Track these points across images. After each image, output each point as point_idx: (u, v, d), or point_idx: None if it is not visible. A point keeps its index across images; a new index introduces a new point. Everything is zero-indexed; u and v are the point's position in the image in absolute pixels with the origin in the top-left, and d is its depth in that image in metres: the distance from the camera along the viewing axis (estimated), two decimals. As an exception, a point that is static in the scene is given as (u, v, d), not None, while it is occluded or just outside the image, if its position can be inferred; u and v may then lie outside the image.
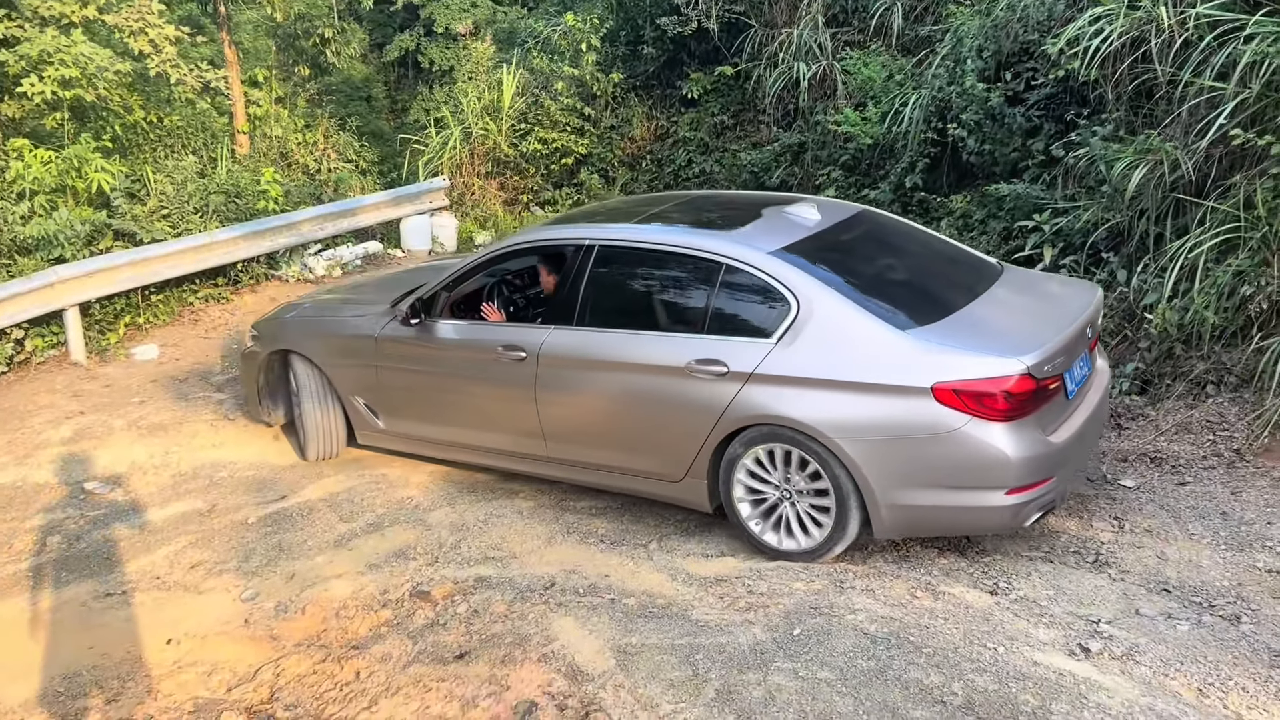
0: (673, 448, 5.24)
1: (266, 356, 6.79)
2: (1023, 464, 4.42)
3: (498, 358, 5.68)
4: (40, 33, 9.65)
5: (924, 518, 4.72)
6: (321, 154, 12.70)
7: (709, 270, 5.12)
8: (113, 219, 9.46)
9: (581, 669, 4.30)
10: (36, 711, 4.68)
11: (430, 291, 6.04)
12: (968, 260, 5.69)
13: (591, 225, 5.82)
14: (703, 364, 4.98)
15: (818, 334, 4.73)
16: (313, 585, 5.40)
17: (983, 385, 4.36)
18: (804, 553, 4.99)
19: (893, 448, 4.55)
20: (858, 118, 9.49)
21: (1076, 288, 5.71)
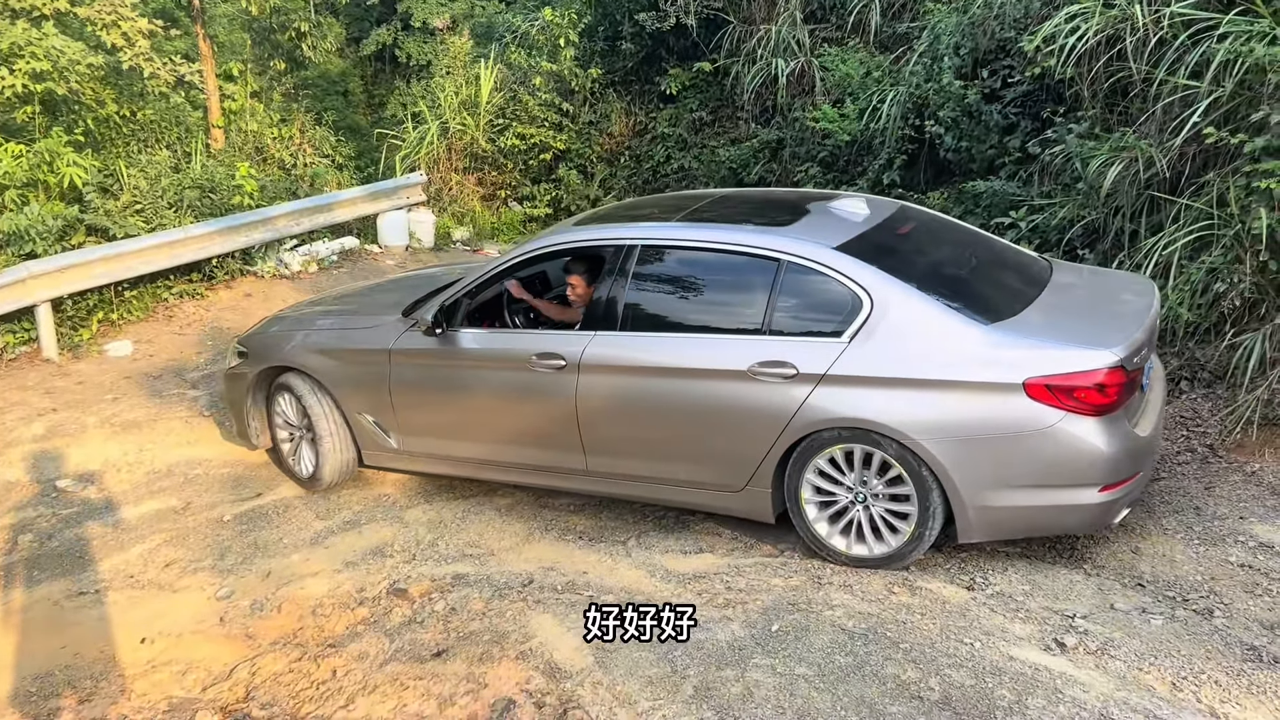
0: (733, 456, 4.94)
1: (256, 375, 6.28)
2: (1116, 459, 4.33)
3: (531, 368, 5.32)
4: (11, 25, 9.52)
5: (1013, 518, 4.55)
6: (297, 149, 12.60)
7: (768, 268, 4.84)
8: (85, 214, 9.35)
9: (559, 666, 4.29)
10: (8, 712, 4.62)
11: (452, 298, 5.59)
12: (1017, 255, 5.58)
13: (633, 225, 5.46)
14: (767, 366, 4.72)
15: (895, 332, 4.52)
16: (289, 583, 5.36)
17: (1076, 379, 4.23)
18: (878, 559, 4.77)
19: (981, 447, 4.38)
20: (835, 114, 9.51)
21: (1132, 281, 5.58)
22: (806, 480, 4.81)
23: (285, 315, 6.76)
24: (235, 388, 6.48)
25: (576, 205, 12.37)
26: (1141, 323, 4.63)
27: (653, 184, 12.32)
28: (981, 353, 4.39)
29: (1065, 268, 5.55)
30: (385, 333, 5.83)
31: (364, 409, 5.94)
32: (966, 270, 5.21)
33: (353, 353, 5.93)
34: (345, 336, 6.05)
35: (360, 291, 7.47)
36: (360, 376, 5.90)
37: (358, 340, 5.96)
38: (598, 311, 5.28)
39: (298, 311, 6.80)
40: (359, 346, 5.93)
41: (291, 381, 6.14)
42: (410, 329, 5.71)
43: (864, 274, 4.64)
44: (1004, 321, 4.51)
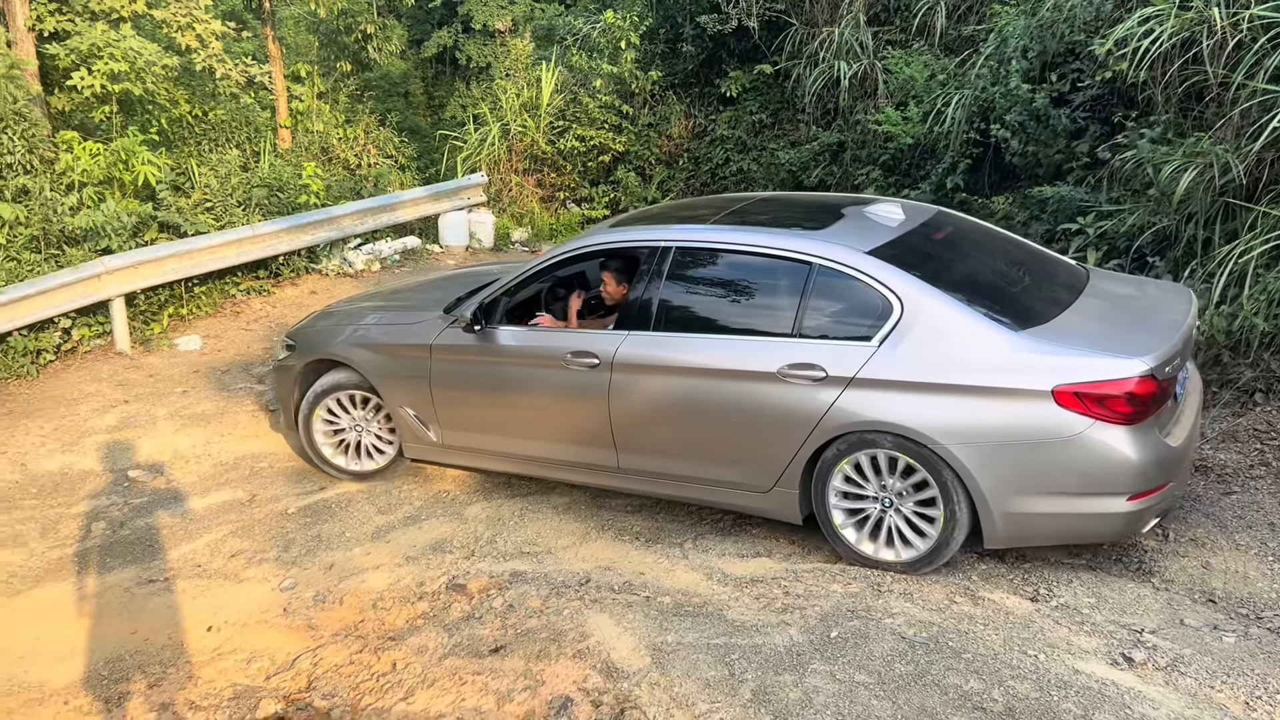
0: (762, 457, 4.97)
1: (304, 367, 6.44)
2: (1145, 468, 4.28)
3: (566, 365, 5.39)
4: (90, 27, 9.81)
5: (1040, 526, 4.51)
6: (362, 149, 12.80)
7: (799, 271, 4.86)
8: (158, 211, 9.59)
9: (617, 666, 4.30)
10: (81, 694, 4.76)
11: (491, 296, 5.71)
12: (1053, 261, 5.51)
13: (667, 227, 5.51)
14: (797, 369, 4.75)
15: (924, 337, 4.52)
16: (350, 576, 5.44)
17: (1106, 387, 4.20)
18: (904, 563, 4.77)
19: (1009, 453, 4.36)
20: (899, 117, 9.42)
21: (1169, 290, 5.49)
22: (833, 483, 4.82)
23: (334, 310, 6.92)
24: (284, 380, 6.64)
25: (634, 207, 12.39)
26: (1176, 332, 4.57)
27: (711, 186, 12.31)
28: (1011, 359, 4.38)
29: (1103, 275, 5.51)
30: (427, 329, 5.94)
31: (405, 403, 6.04)
32: (1000, 276, 5.19)
33: (395, 347, 6.06)
34: (388, 332, 6.19)
35: (407, 288, 7.64)
36: (402, 370, 6.02)
37: (400, 335, 6.09)
38: (632, 311, 5.34)
39: (346, 306, 6.97)
40: (401, 342, 6.05)
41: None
42: (451, 325, 5.83)
43: (894, 278, 4.64)
44: (1035, 328, 4.49)
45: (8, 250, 8.49)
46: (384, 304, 6.88)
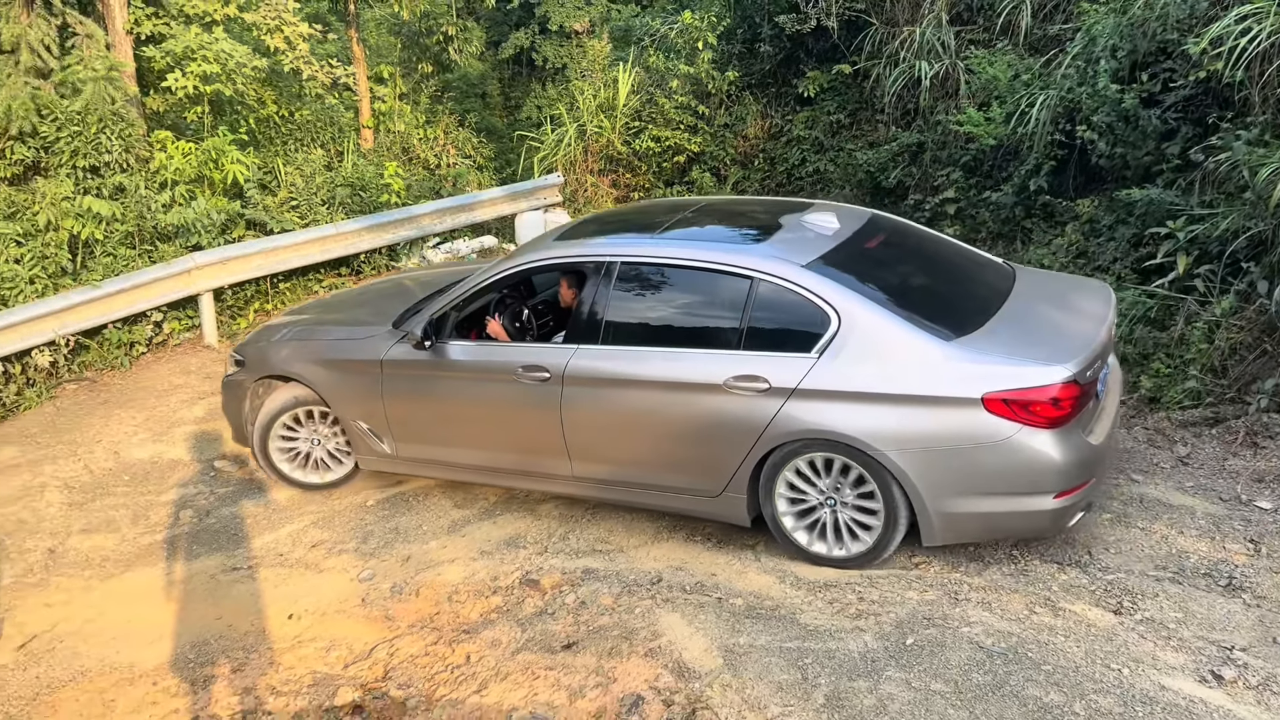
0: (711, 464, 5.15)
1: (254, 383, 6.47)
2: (1070, 468, 4.50)
3: (518, 379, 5.50)
4: (185, 30, 10.12)
5: (973, 524, 4.75)
6: (441, 149, 12.98)
7: (741, 285, 5.03)
8: (246, 209, 9.86)
9: (688, 666, 4.31)
10: (169, 675, 4.93)
11: (440, 311, 5.78)
12: (981, 262, 5.73)
13: (611, 241, 5.65)
14: (741, 380, 4.92)
15: (861, 348, 4.71)
16: (427, 569, 5.54)
17: (1031, 394, 4.42)
18: (852, 559, 4.99)
19: (943, 458, 4.58)
20: (981, 118, 9.25)
21: (1089, 287, 5.73)
22: (779, 488, 5.02)
23: (281, 323, 6.86)
24: (233, 395, 6.62)
25: (710, 208, 12.38)
26: (1097, 334, 4.83)
27: (787, 187, 12.22)
28: (943, 368, 4.58)
29: (1027, 274, 5.72)
30: (377, 344, 5.98)
31: (358, 416, 6.10)
32: (931, 283, 5.42)
33: (346, 363, 6.10)
34: (339, 347, 6.21)
35: (352, 298, 7.51)
36: (354, 385, 6.06)
37: (350, 351, 6.12)
38: (580, 325, 5.46)
39: (294, 319, 6.93)
40: (352, 357, 6.08)
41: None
42: (400, 341, 5.87)
43: (831, 291, 4.83)
44: (965, 337, 4.69)
45: (104, 245, 8.81)
46: (331, 316, 6.88)
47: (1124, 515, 5.27)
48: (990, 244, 9.24)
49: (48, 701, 4.84)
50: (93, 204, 8.67)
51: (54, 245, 8.52)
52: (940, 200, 9.54)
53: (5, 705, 4.85)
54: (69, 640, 5.28)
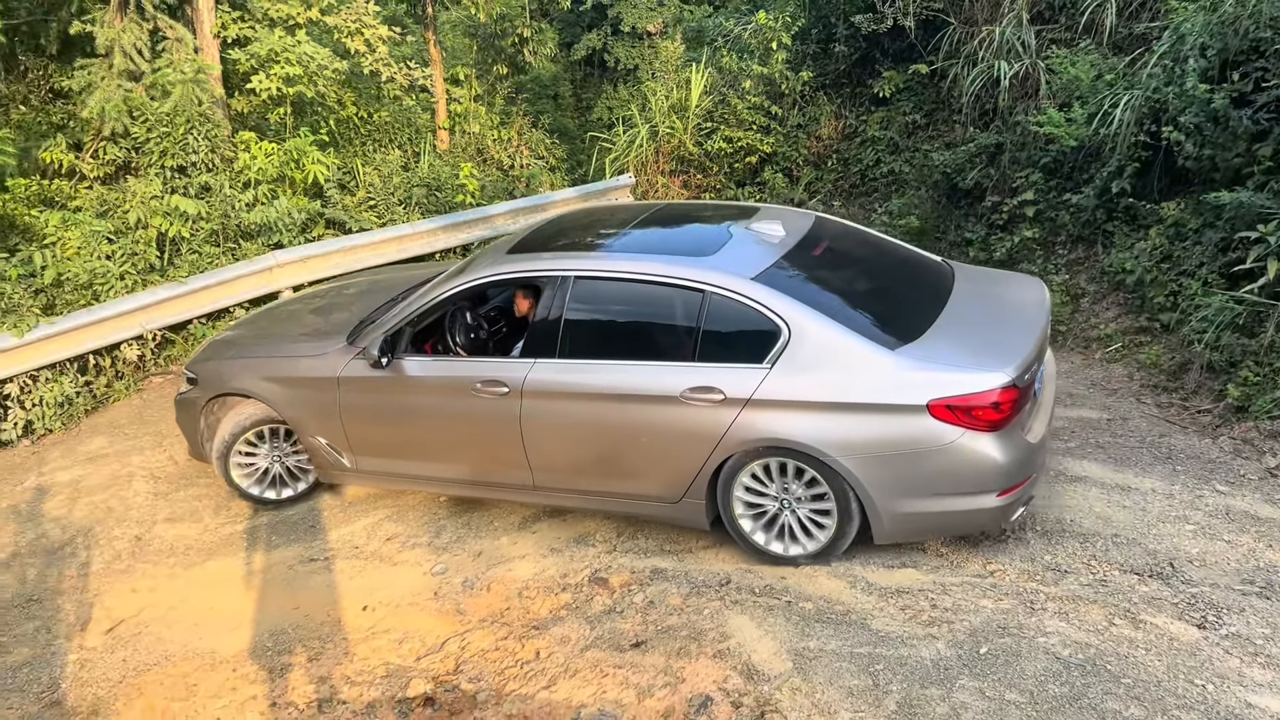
0: (669, 473, 5.25)
1: (208, 401, 6.42)
2: (1011, 467, 4.70)
3: (476, 394, 5.53)
4: (269, 33, 10.38)
5: (922, 523, 4.95)
6: (515, 150, 13.11)
7: (693, 298, 5.12)
8: (325, 208, 10.08)
9: (758, 668, 4.30)
10: (248, 662, 5.06)
11: (395, 327, 5.76)
12: (922, 263, 5.92)
13: (566, 256, 5.67)
14: (697, 392, 5.02)
15: (811, 358, 4.85)
16: (498, 564, 5.60)
17: (973, 399, 4.61)
18: (808, 556, 5.15)
19: (892, 462, 4.76)
20: (1062, 118, 9.04)
21: (1025, 284, 5.90)
22: (737, 492, 5.17)
23: (231, 338, 6.86)
24: (187, 413, 6.59)
25: (781, 209, 12.31)
26: (1033, 335, 5.03)
27: (860, 188, 12.10)
28: (890, 376, 4.75)
29: (964, 273, 5.87)
30: (332, 361, 5.96)
31: (316, 432, 6.11)
32: (876, 288, 5.56)
33: (302, 380, 6.08)
34: (294, 365, 6.17)
35: (299, 308, 7.36)
36: (310, 402, 6.06)
37: (306, 369, 6.09)
38: (537, 339, 5.50)
39: (244, 333, 6.92)
40: (307, 375, 6.06)
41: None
42: (356, 357, 5.85)
43: (780, 304, 4.95)
44: (909, 345, 4.86)
45: (190, 243, 9.08)
46: (281, 329, 6.83)
47: (1208, 527, 5.12)
48: (1070, 247, 9.04)
49: (134, 684, 5.00)
50: (180, 203, 8.93)
51: (143, 243, 8.80)
52: (1018, 202, 9.36)
53: (94, 686, 5.03)
54: (154, 625, 5.46)
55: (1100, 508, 5.43)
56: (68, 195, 9.26)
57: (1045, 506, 5.48)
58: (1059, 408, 6.92)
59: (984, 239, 9.81)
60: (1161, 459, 5.95)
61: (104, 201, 9.07)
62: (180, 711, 4.76)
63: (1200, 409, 6.66)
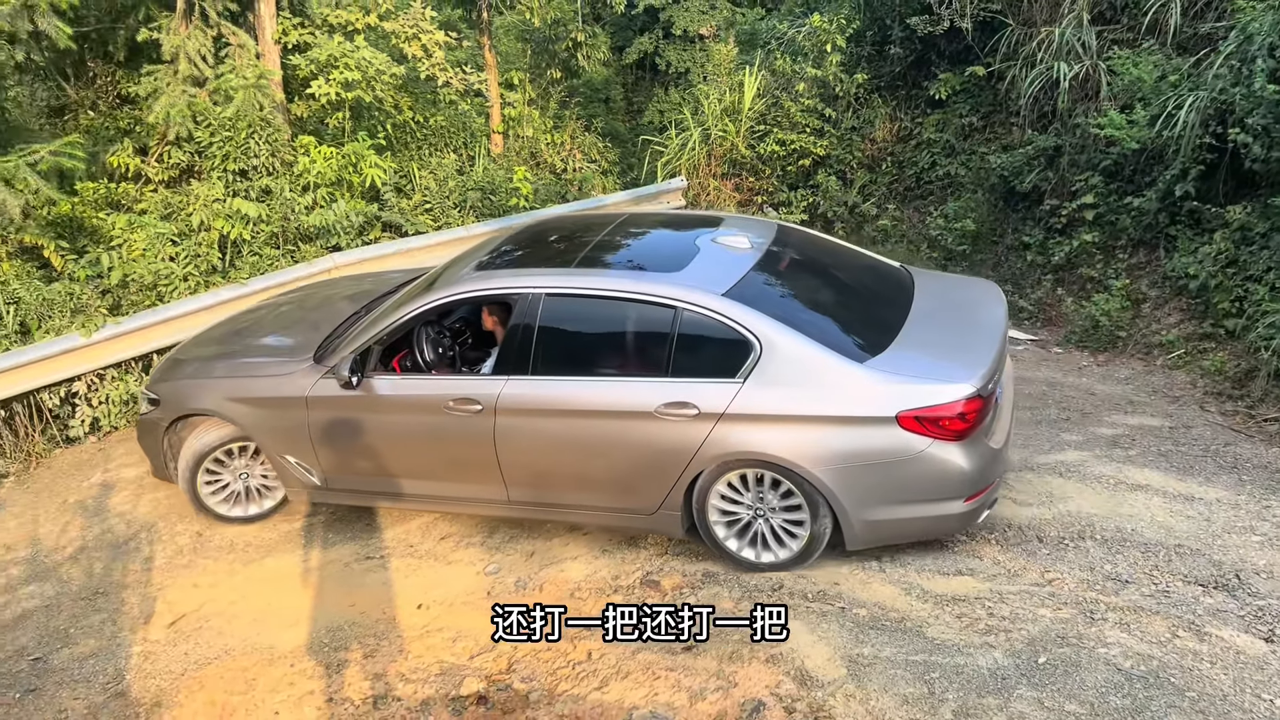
0: (645, 486, 5.29)
1: (171, 422, 6.29)
2: (976, 474, 4.84)
3: (449, 411, 5.51)
4: (329, 39, 10.55)
5: (892, 529, 5.08)
6: (568, 154, 13.18)
7: (665, 314, 5.15)
8: (382, 211, 10.21)
9: (811, 674, 4.28)
10: (305, 658, 5.14)
11: (364, 346, 5.70)
12: (882, 270, 6.06)
13: (536, 273, 5.64)
14: (672, 407, 5.06)
15: (783, 373, 4.92)
16: (550, 565, 5.64)
17: (941, 410, 4.72)
18: (782, 564, 5.23)
19: (864, 472, 4.87)
20: (1123, 120, 8.89)
21: (983, 289, 6.06)
22: (712, 501, 5.23)
23: (188, 356, 6.70)
24: (149, 435, 6.46)
25: (834, 212, 12.22)
26: (995, 343, 5.17)
27: (915, 191, 11.99)
28: (860, 389, 4.84)
29: (923, 279, 6.00)
30: (300, 380, 5.90)
31: (285, 450, 6.05)
32: (841, 299, 5.71)
33: (269, 400, 6.01)
34: (260, 384, 6.09)
35: (259, 322, 7.17)
36: (278, 421, 5.99)
37: (273, 388, 6.01)
38: (510, 355, 5.49)
39: (203, 351, 6.74)
40: (275, 394, 5.99)
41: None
42: (324, 376, 5.79)
43: (751, 319, 5.01)
44: (877, 357, 4.96)
45: (251, 245, 9.25)
46: (244, 345, 6.70)
47: (1276, 539, 5.00)
48: (1130, 251, 8.88)
49: (195, 677, 5.11)
50: (241, 205, 9.11)
51: (205, 245, 8.98)
52: (1077, 206, 9.22)
53: (157, 678, 5.15)
54: (215, 620, 5.57)
55: (1163, 517, 5.33)
56: (134, 198, 9.48)
57: (1105, 515, 5.39)
58: (1119, 414, 6.80)
59: (1041, 243, 9.67)
60: (1226, 468, 5.82)
61: (168, 204, 9.28)
62: (240, 705, 4.85)
63: (1267, 417, 6.50)
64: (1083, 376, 7.73)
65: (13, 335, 7.81)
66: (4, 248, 8.23)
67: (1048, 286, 9.43)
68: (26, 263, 8.32)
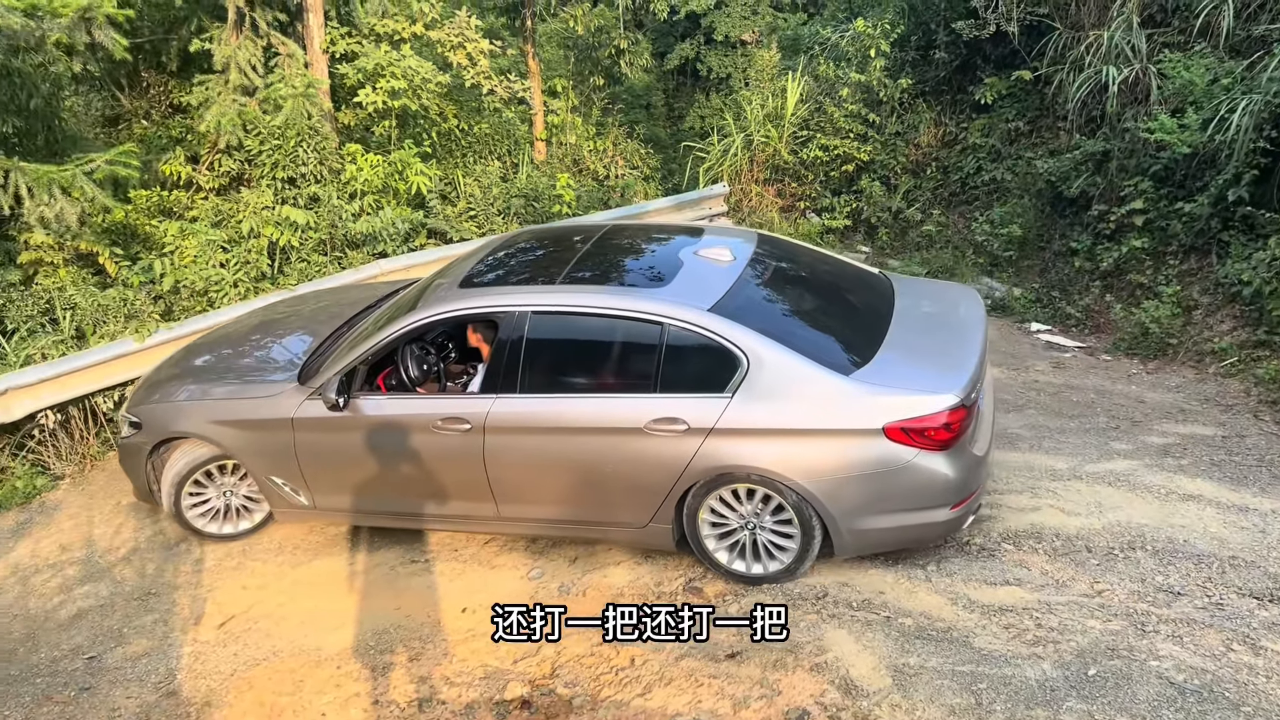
0: (635, 501, 5.31)
1: (154, 444, 6.24)
2: (962, 481, 4.91)
3: (438, 430, 5.50)
4: (375, 48, 10.69)
5: (881, 538, 5.11)
6: (610, 161, 13.23)
7: (652, 330, 5.15)
8: (428, 218, 10.31)
9: (856, 683, 4.25)
10: (351, 660, 5.20)
11: (350, 366, 5.65)
12: (863, 278, 6.09)
13: (521, 290, 5.63)
14: (661, 423, 5.07)
15: (770, 387, 4.94)
16: (593, 570, 5.65)
17: (926, 420, 4.76)
18: (772, 575, 5.25)
19: (852, 483, 4.89)
20: (1174, 124, 8.75)
21: (962, 295, 6.08)
22: (703, 515, 5.26)
23: (166, 378, 6.59)
24: (132, 458, 6.41)
25: (877, 217, 12.16)
26: (975, 351, 5.20)
27: (960, 196, 11.89)
28: (847, 402, 4.87)
29: (903, 286, 6.06)
30: (285, 401, 5.85)
31: (271, 472, 6.02)
32: (825, 310, 5.72)
33: (254, 422, 5.95)
34: (244, 406, 6.02)
35: (235, 339, 7.07)
36: (264, 443, 5.95)
37: (257, 410, 5.96)
38: (497, 374, 5.48)
39: (182, 371, 6.64)
40: (260, 416, 5.93)
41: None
42: (310, 398, 5.75)
43: (738, 334, 5.02)
44: (862, 369, 4.98)
45: (299, 252, 9.38)
46: (226, 365, 6.60)
47: (1335, 552, 4.89)
48: (1181, 257, 8.73)
49: (244, 677, 5.18)
50: (290, 213, 9.25)
51: (255, 251, 9.13)
52: (1126, 211, 9.09)
53: (208, 678, 5.23)
54: (263, 622, 5.65)
55: (1216, 528, 5.23)
56: (185, 206, 9.65)
57: (1156, 526, 5.30)
58: (1170, 423, 6.69)
59: (1089, 249, 9.54)
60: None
61: (219, 211, 9.44)
62: (288, 706, 4.92)
63: (1325, 427, 6.36)
64: (1132, 384, 7.61)
65: (69, 340, 7.98)
66: (61, 255, 8.42)
67: (1096, 293, 9.30)
68: (82, 269, 8.51)
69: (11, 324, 7.99)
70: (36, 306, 8.08)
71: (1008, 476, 6.01)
